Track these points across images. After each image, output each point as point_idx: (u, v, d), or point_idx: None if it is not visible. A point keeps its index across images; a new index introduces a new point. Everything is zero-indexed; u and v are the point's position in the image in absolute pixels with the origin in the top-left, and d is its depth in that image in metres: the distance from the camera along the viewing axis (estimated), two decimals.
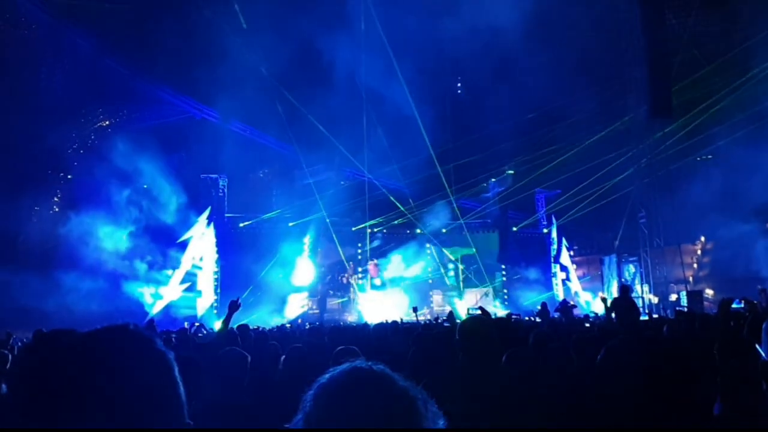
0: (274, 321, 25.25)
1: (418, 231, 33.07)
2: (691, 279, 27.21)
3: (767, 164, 22.86)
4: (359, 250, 32.26)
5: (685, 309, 20.09)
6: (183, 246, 27.24)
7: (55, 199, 28.70)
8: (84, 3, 26.41)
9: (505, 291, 32.01)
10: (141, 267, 26.41)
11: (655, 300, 26.28)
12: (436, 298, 32.04)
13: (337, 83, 27.24)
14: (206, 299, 27.27)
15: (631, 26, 25.09)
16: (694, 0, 25.97)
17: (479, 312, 7.17)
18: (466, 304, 29.46)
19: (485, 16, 24.92)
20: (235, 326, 11.88)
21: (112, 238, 25.73)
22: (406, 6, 26.66)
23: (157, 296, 26.17)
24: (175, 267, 26.92)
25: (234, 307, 6.92)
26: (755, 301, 10.49)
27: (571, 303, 21.64)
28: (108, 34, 27.09)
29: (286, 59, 27.02)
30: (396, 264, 32.03)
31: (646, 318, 14.43)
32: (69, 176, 28.82)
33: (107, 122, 29.85)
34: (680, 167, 26.85)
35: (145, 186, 27.21)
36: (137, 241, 26.39)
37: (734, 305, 7.88)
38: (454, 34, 25.27)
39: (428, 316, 25.74)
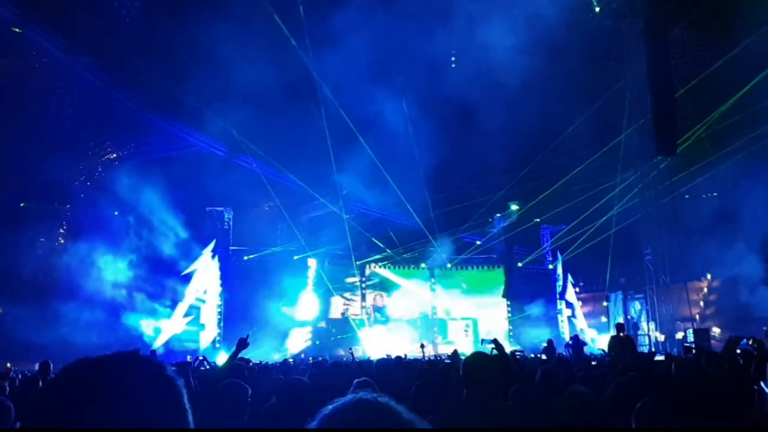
0: (276, 355, 25.10)
1: (423, 266, 33.02)
2: (697, 317, 26.98)
3: None
4: (363, 284, 32.17)
5: (693, 345, 19.90)
6: (187, 278, 27.19)
7: (61, 230, 28.75)
8: (93, 37, 26.76)
9: (510, 327, 31.78)
10: (144, 299, 26.34)
11: (661, 338, 26.04)
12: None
13: (343, 118, 27.44)
14: (209, 333, 27.14)
15: (638, 64, 25.29)
16: (701, 39, 26.16)
17: (492, 344, 7.09)
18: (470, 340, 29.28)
19: (491, 51, 25.19)
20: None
21: (115, 270, 25.70)
22: (409, 42, 26.97)
23: (157, 330, 26.00)
24: (178, 300, 26.84)
25: (242, 344, 6.86)
26: (763, 339, 10.39)
27: (583, 340, 21.52)
28: (117, 67, 27.39)
29: (293, 94, 27.29)
30: (399, 298, 31.92)
31: (661, 357, 14.29)
32: (75, 208, 28.93)
33: (114, 155, 30.04)
34: (686, 204, 26.83)
35: (151, 218, 27.28)
36: (141, 273, 26.37)
37: (742, 344, 7.80)
38: (456, 69, 25.55)
39: (432, 353, 25.56)
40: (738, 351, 8.30)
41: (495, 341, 7.05)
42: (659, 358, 14.66)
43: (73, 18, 25.91)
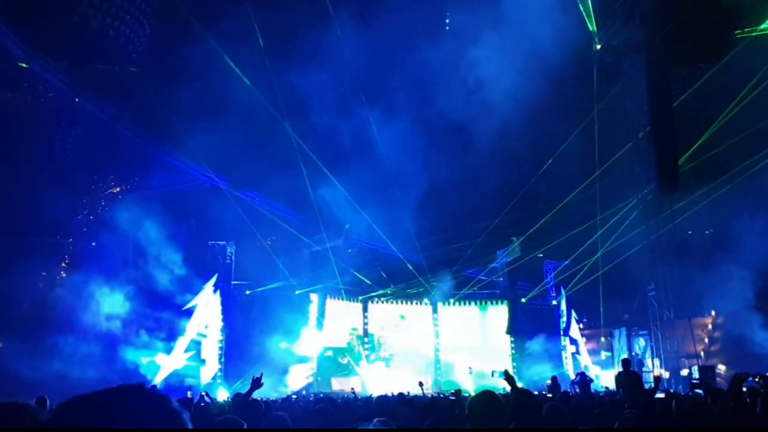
0: (276, 392, 24.87)
1: (426, 301, 32.89)
2: (702, 353, 26.76)
3: None
4: (365, 320, 32.02)
5: (699, 382, 19.69)
6: (188, 313, 27.05)
7: (62, 264, 28.72)
8: (98, 71, 27.06)
9: (514, 364, 31.50)
10: (144, 334, 26.15)
11: (666, 375, 25.78)
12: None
13: (347, 153, 27.62)
14: (210, 368, 26.90)
15: (640, 104, 25.50)
16: (702, 77, 26.37)
17: (504, 377, 6.99)
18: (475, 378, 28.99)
19: (493, 89, 25.42)
20: (231, 394, 11.67)
21: (115, 304, 25.57)
22: (414, 81, 27.25)
23: (154, 364, 25.75)
24: (178, 335, 26.66)
25: (257, 384, 7.21)
26: None
27: (589, 377, 21.38)
28: (122, 101, 27.64)
29: (296, 130, 27.51)
30: (401, 334, 31.73)
31: (661, 395, 14.11)
32: (77, 242, 28.94)
33: (117, 189, 30.16)
34: (689, 240, 26.79)
35: (152, 252, 27.25)
36: (142, 308, 26.22)
37: (748, 381, 7.71)
38: (461, 107, 25.75)
39: (430, 391, 25.32)
40: (744, 389, 8.20)
41: (506, 372, 6.97)
42: (660, 395, 14.50)
43: (78, 53, 26.23)
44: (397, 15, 25.76)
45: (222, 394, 23.51)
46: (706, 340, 27.81)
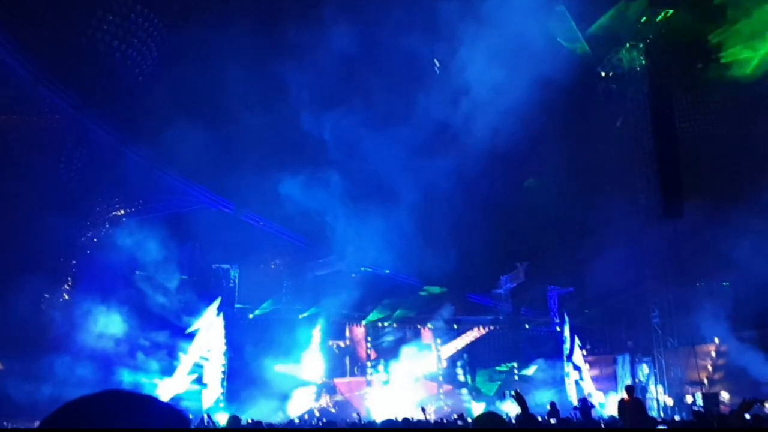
0: (279, 416, 24.74)
1: (429, 326, 32.78)
2: (706, 381, 26.60)
3: None
4: (369, 344, 31.90)
5: (703, 410, 19.57)
6: (191, 336, 26.98)
7: (65, 286, 28.70)
8: (104, 93, 27.26)
9: (518, 389, 31.28)
10: (147, 357, 26.06)
11: (670, 402, 25.61)
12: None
13: (350, 176, 27.72)
14: (213, 392, 26.75)
15: (643, 129, 25.67)
16: (703, 105, 26.63)
17: (515, 397, 6.98)
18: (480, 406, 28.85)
19: (494, 113, 25.56)
20: (230, 416, 11.65)
21: (118, 327, 25.50)
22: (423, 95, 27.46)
23: (155, 387, 25.65)
24: (181, 358, 26.57)
25: None
26: None
27: (591, 403, 21.26)
28: (127, 123, 27.81)
29: (299, 151, 27.67)
30: (405, 359, 31.59)
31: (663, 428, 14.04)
32: (80, 264, 28.94)
33: (122, 211, 30.21)
34: (693, 267, 26.73)
35: (156, 275, 27.27)
36: (145, 331, 26.15)
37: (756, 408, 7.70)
38: (458, 131, 25.95)
39: (433, 417, 25.16)
40: (747, 416, 8.17)
41: (517, 393, 6.96)
42: (661, 428, 14.44)
43: (85, 75, 26.45)
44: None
45: (223, 418, 23.37)
46: (710, 367, 27.66)
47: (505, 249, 30.97)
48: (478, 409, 27.79)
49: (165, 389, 25.62)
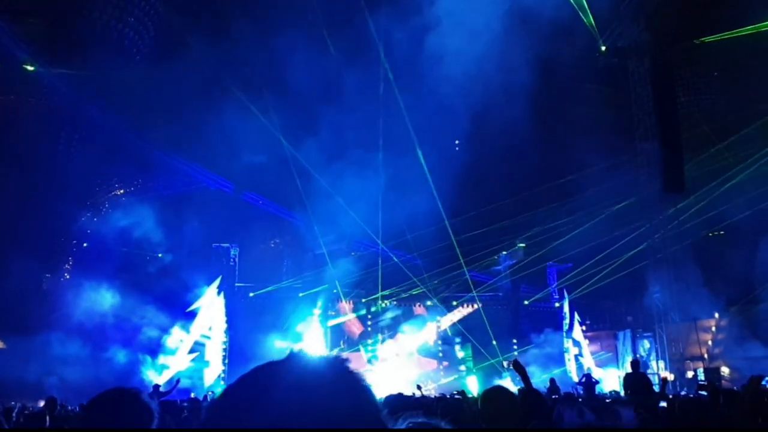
0: None
1: (429, 303, 32.84)
2: (706, 356, 26.70)
3: None
4: (369, 322, 32.00)
5: (707, 384, 19.64)
6: (192, 315, 27.06)
7: (66, 266, 28.75)
8: (103, 74, 27.08)
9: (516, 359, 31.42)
10: (148, 335, 26.12)
11: (671, 377, 25.72)
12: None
13: (350, 155, 27.58)
14: (214, 370, 26.90)
15: (644, 102, 25.51)
16: (706, 79, 26.45)
17: (513, 367, 6.94)
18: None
19: (495, 88, 25.39)
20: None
21: (118, 306, 25.57)
22: (424, 78, 27.25)
23: (156, 366, 25.75)
24: (183, 336, 26.66)
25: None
26: None
27: (594, 379, 21.35)
28: (126, 104, 27.65)
29: (300, 129, 27.53)
30: (406, 336, 31.70)
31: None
32: (81, 243, 28.96)
33: (122, 191, 30.19)
34: (695, 242, 26.74)
35: (157, 255, 27.29)
36: (145, 310, 26.21)
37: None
38: (466, 104, 25.77)
39: (433, 393, 25.27)
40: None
41: (515, 362, 6.93)
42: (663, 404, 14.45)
43: (84, 56, 26.26)
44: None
45: None
46: (710, 342, 27.75)
47: (504, 226, 30.92)
48: (475, 385, 27.89)
49: (167, 367, 25.75)
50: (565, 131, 28.00)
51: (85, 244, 28.75)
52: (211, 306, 27.48)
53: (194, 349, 26.73)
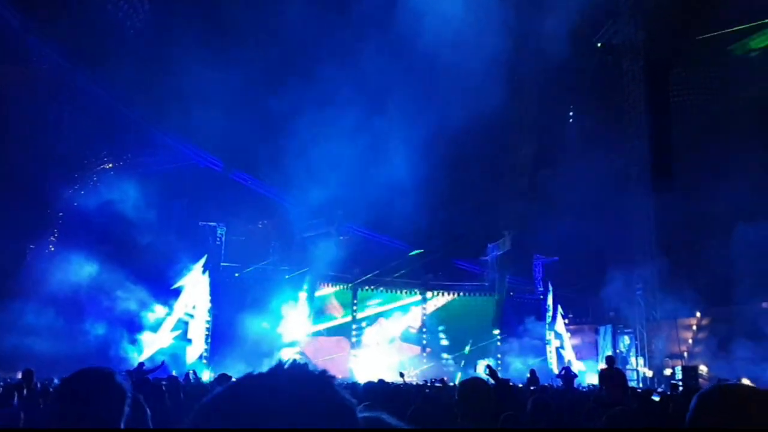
0: None
1: (416, 291, 33.00)
2: (686, 354, 26.99)
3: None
4: (354, 307, 32.09)
5: (680, 383, 19.89)
6: (176, 293, 27.02)
7: (52, 238, 28.56)
8: (97, 47, 26.86)
9: (499, 356, 31.69)
10: (132, 312, 26.05)
11: (649, 373, 25.99)
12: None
13: (338, 139, 27.51)
14: (196, 348, 26.91)
15: (636, 100, 25.61)
16: (696, 80, 26.57)
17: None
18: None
19: (492, 82, 25.38)
20: (215, 375, 11.68)
21: (103, 280, 25.46)
22: (408, 66, 27.21)
23: (138, 341, 25.70)
24: (167, 313, 26.63)
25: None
26: None
27: (573, 372, 21.54)
28: (119, 78, 27.44)
29: (293, 112, 27.41)
30: (390, 322, 31.86)
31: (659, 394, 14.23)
32: (67, 216, 28.77)
33: (110, 165, 29.98)
34: (679, 241, 26.95)
35: (143, 230, 27.16)
36: (131, 285, 26.11)
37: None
38: (452, 100, 25.80)
39: (415, 380, 25.44)
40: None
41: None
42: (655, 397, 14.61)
43: (78, 27, 26.01)
44: None
45: (207, 375, 23.55)
46: (690, 341, 28.06)
47: (493, 217, 31.05)
48: (458, 373, 28.12)
49: (149, 343, 25.73)
50: (558, 128, 28.06)
51: (71, 217, 28.56)
52: (195, 284, 27.44)
53: (177, 327, 26.71)
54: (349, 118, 27.39)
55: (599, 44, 26.51)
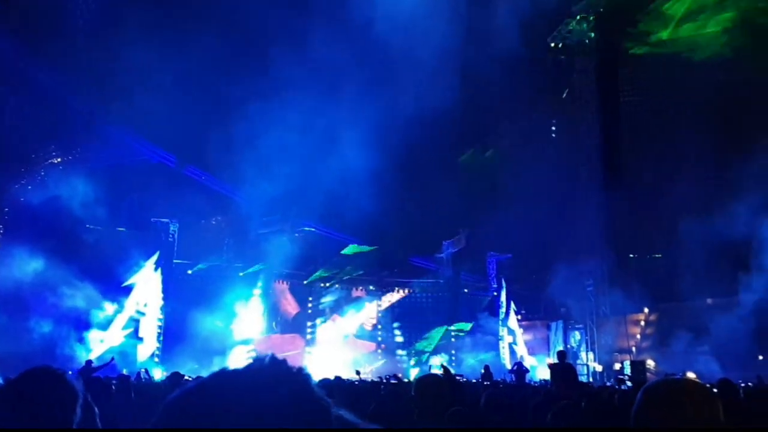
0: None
1: (371, 287, 33.06)
2: (634, 349, 27.61)
3: (715, 240, 23.67)
4: (309, 304, 32.00)
5: (626, 377, 20.34)
6: (128, 290, 26.55)
7: None
8: (45, 38, 26.16)
9: (453, 351, 32.00)
10: (79, 309, 25.43)
11: (599, 368, 26.52)
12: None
13: (291, 134, 27.35)
14: (148, 347, 26.48)
15: (588, 99, 26.06)
16: (646, 82, 27.19)
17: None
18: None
19: (445, 82, 25.53)
20: (168, 374, 11.53)
21: (50, 277, 24.82)
22: (361, 61, 27.23)
23: (86, 339, 25.18)
24: (118, 311, 26.15)
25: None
26: None
27: (525, 367, 21.86)
28: (69, 69, 26.78)
29: (246, 106, 27.12)
30: (344, 319, 31.86)
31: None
32: (13, 211, 27.98)
33: (59, 159, 29.25)
34: (628, 238, 27.53)
35: (93, 226, 26.58)
36: (79, 282, 25.51)
37: None
38: (405, 96, 25.90)
39: (370, 376, 25.52)
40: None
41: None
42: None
43: (25, 16, 25.31)
44: None
45: (158, 373, 23.19)
46: (639, 336, 28.73)
47: (447, 215, 31.29)
48: (412, 369, 28.33)
49: (99, 342, 25.24)
50: (508, 125, 28.40)
51: (17, 212, 27.77)
52: (147, 281, 27.03)
53: (128, 325, 26.25)
54: (303, 113, 27.28)
55: (552, 44, 26.94)
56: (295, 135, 27.16)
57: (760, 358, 24.04)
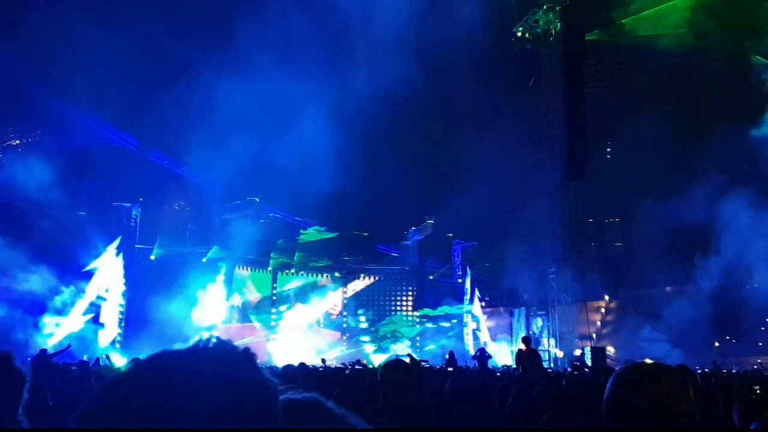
0: None
1: (336, 274, 33.06)
2: (594, 336, 28.10)
3: (674, 228, 24.15)
4: (274, 291, 31.86)
5: (579, 363, 20.67)
6: (88, 275, 26.12)
7: None
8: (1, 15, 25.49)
9: (418, 338, 32.21)
10: (36, 294, 24.89)
11: (560, 354, 26.92)
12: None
13: (260, 118, 27.09)
14: (109, 333, 26.13)
15: (553, 89, 26.28)
16: (609, 74, 27.50)
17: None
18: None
19: (410, 71, 25.51)
20: (129, 360, 11.41)
21: (8, 262, 24.28)
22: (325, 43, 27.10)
23: (43, 325, 24.73)
24: (78, 296, 25.72)
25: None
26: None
27: (488, 353, 22.06)
28: (27, 50, 26.11)
29: (212, 91, 26.76)
30: (308, 307, 31.81)
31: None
32: None
33: (17, 141, 28.62)
34: (590, 227, 27.92)
35: (53, 210, 26.04)
36: (39, 268, 24.98)
37: None
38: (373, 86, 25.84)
39: (334, 362, 25.57)
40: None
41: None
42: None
43: None
44: None
45: (119, 360, 22.87)
46: (599, 323, 29.24)
47: (414, 202, 31.38)
48: (376, 356, 28.45)
49: (56, 326, 24.81)
50: (474, 113, 28.52)
51: None
52: (109, 267, 26.65)
53: (89, 311, 25.85)
54: (265, 95, 26.99)
55: (519, 33, 27.07)
56: (257, 117, 26.89)
57: (717, 344, 24.65)
